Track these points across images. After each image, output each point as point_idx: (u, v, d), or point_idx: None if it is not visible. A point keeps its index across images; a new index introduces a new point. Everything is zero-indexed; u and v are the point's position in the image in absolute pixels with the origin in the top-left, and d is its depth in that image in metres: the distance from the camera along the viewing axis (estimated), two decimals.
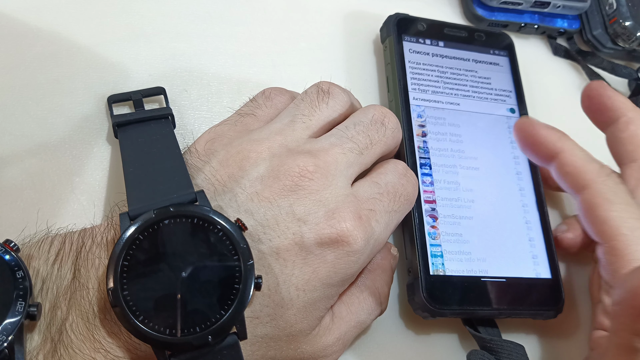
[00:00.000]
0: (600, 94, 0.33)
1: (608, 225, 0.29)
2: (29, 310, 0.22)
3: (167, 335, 0.22)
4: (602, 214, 0.29)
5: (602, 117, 0.34)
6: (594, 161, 0.31)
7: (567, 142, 0.31)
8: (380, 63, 0.39)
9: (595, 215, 0.29)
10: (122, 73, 0.33)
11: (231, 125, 0.29)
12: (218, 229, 0.24)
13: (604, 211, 0.29)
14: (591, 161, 0.31)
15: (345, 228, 0.26)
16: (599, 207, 0.29)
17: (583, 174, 0.30)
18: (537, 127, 0.32)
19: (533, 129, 0.32)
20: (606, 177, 0.30)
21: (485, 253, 0.33)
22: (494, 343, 0.31)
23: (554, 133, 0.32)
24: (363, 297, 0.29)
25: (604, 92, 0.33)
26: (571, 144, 0.31)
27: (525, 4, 0.42)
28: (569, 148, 0.31)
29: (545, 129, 0.32)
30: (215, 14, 0.37)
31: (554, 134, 0.32)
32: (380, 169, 0.30)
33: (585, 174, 0.30)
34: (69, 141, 0.31)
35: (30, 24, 0.32)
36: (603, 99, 0.33)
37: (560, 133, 0.32)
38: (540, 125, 0.32)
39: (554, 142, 0.31)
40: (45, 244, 0.24)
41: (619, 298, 0.24)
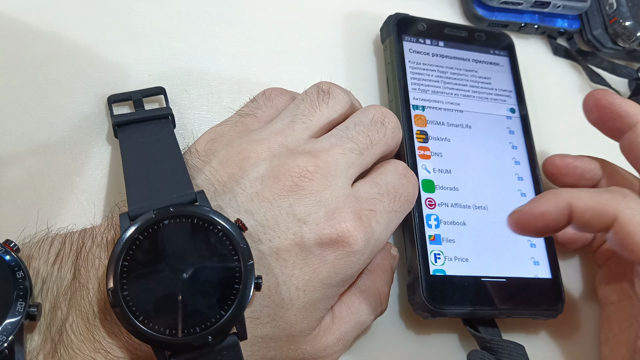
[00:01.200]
0: (610, 103, 0.32)
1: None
2: (29, 311, 0.22)
3: (167, 335, 0.22)
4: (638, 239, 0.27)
5: (614, 125, 0.33)
6: (601, 191, 0.29)
7: (565, 194, 0.29)
8: (380, 63, 0.39)
9: (633, 242, 0.27)
10: (122, 73, 0.33)
11: (231, 126, 0.29)
12: (218, 229, 0.24)
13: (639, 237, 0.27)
14: (600, 193, 0.29)
15: (345, 228, 0.26)
16: (634, 234, 0.27)
17: (604, 209, 0.28)
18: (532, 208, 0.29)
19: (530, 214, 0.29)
20: (625, 199, 0.28)
21: (485, 253, 0.33)
22: (494, 343, 0.31)
23: (548, 198, 0.29)
24: (363, 298, 0.29)
25: (613, 100, 0.32)
26: (569, 192, 0.29)
27: (526, 4, 0.42)
28: (572, 197, 0.29)
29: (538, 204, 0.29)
30: (215, 14, 0.37)
31: (549, 199, 0.29)
32: (380, 169, 0.30)
33: (606, 208, 0.28)
34: (69, 141, 0.31)
35: (30, 24, 0.32)
36: (614, 107, 0.32)
37: (552, 192, 0.30)
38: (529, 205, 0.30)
39: (557, 205, 0.29)
40: (46, 244, 0.24)
41: None
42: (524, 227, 0.30)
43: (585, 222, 0.28)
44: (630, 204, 0.28)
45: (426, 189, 0.33)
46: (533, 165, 0.37)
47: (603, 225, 0.28)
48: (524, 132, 0.38)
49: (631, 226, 0.27)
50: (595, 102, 0.33)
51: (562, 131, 0.42)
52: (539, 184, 0.36)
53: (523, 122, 0.38)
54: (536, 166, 0.37)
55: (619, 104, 0.32)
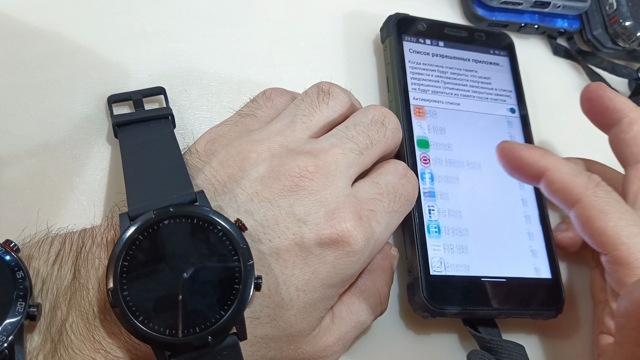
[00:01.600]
0: (600, 96, 0.33)
1: (606, 236, 0.28)
2: (29, 311, 0.22)
3: (167, 335, 0.22)
4: (599, 225, 0.29)
5: (603, 119, 0.33)
6: (581, 173, 0.30)
7: (550, 159, 0.31)
8: (380, 63, 0.39)
9: (592, 228, 0.29)
10: (122, 73, 0.33)
11: (231, 126, 0.29)
12: (218, 229, 0.24)
13: (600, 222, 0.28)
14: (578, 174, 0.30)
15: (345, 228, 0.26)
16: (594, 219, 0.29)
17: (572, 188, 0.30)
18: (518, 149, 0.31)
19: (514, 152, 0.31)
20: (596, 188, 0.29)
21: (486, 253, 0.33)
22: (494, 343, 0.31)
23: (535, 152, 0.31)
24: (363, 298, 0.29)
25: (604, 94, 0.33)
26: (554, 160, 0.31)
27: (526, 4, 0.42)
28: (553, 165, 0.30)
29: (526, 149, 0.31)
30: (215, 14, 0.37)
31: (535, 153, 0.31)
32: (380, 170, 0.30)
33: (574, 188, 0.29)
34: (69, 141, 0.31)
35: (30, 24, 0.32)
36: (604, 100, 0.33)
37: (542, 150, 0.31)
38: (520, 147, 0.31)
39: (536, 161, 0.31)
40: (46, 244, 0.24)
41: (624, 310, 0.24)
42: (502, 156, 0.32)
43: (552, 190, 0.30)
44: (598, 192, 0.29)
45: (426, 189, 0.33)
46: None
47: (565, 202, 0.30)
48: (523, 132, 0.38)
49: (593, 211, 0.29)
50: (587, 95, 0.34)
51: (562, 131, 0.42)
52: None
53: (523, 122, 0.38)
54: None
55: (608, 97, 0.33)
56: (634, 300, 0.23)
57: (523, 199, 0.35)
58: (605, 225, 0.28)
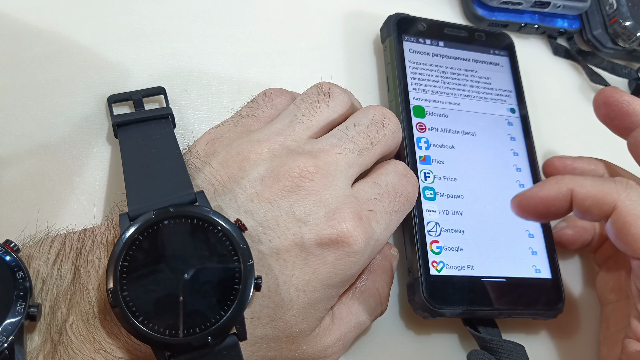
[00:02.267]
0: (618, 100, 0.32)
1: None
2: (29, 311, 0.22)
3: (166, 335, 0.22)
4: (635, 231, 0.27)
5: (622, 123, 0.33)
6: (605, 180, 0.29)
7: (568, 180, 0.29)
8: (380, 63, 0.39)
9: (630, 234, 0.27)
10: (122, 73, 0.33)
11: (232, 126, 0.29)
12: (218, 230, 0.24)
13: (637, 228, 0.27)
14: (602, 182, 0.29)
15: (345, 229, 0.26)
16: (630, 226, 0.27)
17: (605, 197, 0.28)
18: (533, 193, 0.30)
19: (531, 198, 0.30)
20: (627, 190, 0.28)
21: (486, 253, 0.33)
22: (494, 343, 0.31)
23: (551, 183, 0.30)
24: (363, 298, 0.29)
25: (622, 98, 0.32)
26: (572, 179, 0.29)
27: (526, 4, 0.42)
28: (575, 184, 0.29)
29: (541, 188, 0.30)
30: (215, 14, 0.37)
31: (552, 184, 0.29)
32: (380, 170, 0.30)
33: (607, 197, 0.28)
34: (69, 141, 0.31)
35: (30, 24, 0.32)
36: (622, 105, 0.32)
37: (555, 177, 0.30)
38: (533, 190, 0.30)
39: (559, 191, 0.29)
40: (46, 245, 0.24)
41: None
42: (525, 210, 0.30)
43: (585, 209, 0.29)
44: (631, 195, 0.28)
45: (426, 189, 0.33)
46: (533, 165, 0.37)
47: (602, 214, 0.28)
48: (523, 132, 0.38)
49: (629, 217, 0.27)
50: (603, 100, 0.33)
51: (562, 131, 0.42)
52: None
53: (523, 122, 0.38)
54: (536, 166, 0.37)
55: (627, 101, 0.32)
56: None
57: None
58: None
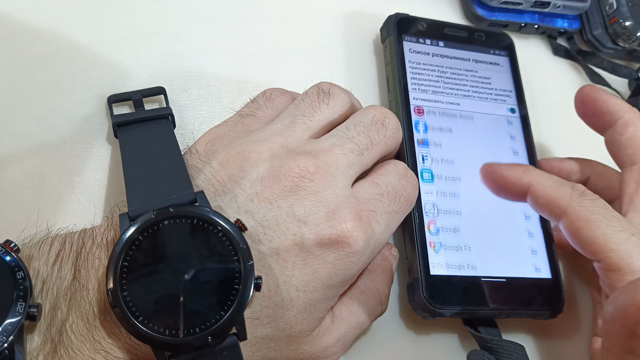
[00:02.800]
0: (593, 99, 0.33)
1: (595, 245, 0.28)
2: (29, 311, 0.22)
3: (166, 335, 0.22)
4: (586, 235, 0.28)
5: (598, 121, 0.33)
6: (564, 184, 0.30)
7: (533, 175, 0.31)
8: (380, 63, 0.39)
9: (581, 238, 0.29)
10: (122, 73, 0.33)
11: (232, 126, 0.29)
12: (218, 230, 0.24)
13: (588, 232, 0.28)
14: (561, 186, 0.30)
15: (345, 229, 0.26)
16: (581, 229, 0.29)
17: (557, 201, 0.29)
18: (500, 169, 0.31)
19: (497, 172, 0.31)
20: (581, 198, 0.29)
21: (486, 253, 0.33)
22: (494, 343, 0.31)
23: (517, 170, 0.31)
24: (363, 298, 0.29)
25: (597, 96, 0.33)
26: (537, 174, 0.31)
27: (526, 4, 0.42)
28: (536, 180, 0.30)
29: (508, 168, 0.31)
30: (215, 14, 0.37)
31: (517, 171, 0.31)
32: (380, 170, 0.30)
33: (559, 201, 0.29)
34: (69, 141, 0.31)
35: (30, 24, 0.32)
36: (597, 103, 0.33)
37: (524, 167, 0.31)
38: (502, 166, 0.31)
39: (520, 178, 0.31)
40: (46, 245, 0.24)
41: (610, 315, 0.24)
42: (486, 178, 0.32)
43: (538, 206, 0.30)
44: (583, 202, 0.29)
45: (426, 189, 0.33)
46: (533, 165, 0.37)
47: (553, 215, 0.30)
48: (523, 132, 0.38)
49: (579, 222, 0.29)
50: (580, 98, 0.34)
51: (562, 131, 0.42)
52: None
53: (523, 122, 0.38)
54: (536, 166, 0.37)
55: (602, 100, 0.33)
56: (618, 306, 0.23)
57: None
58: (594, 234, 0.28)
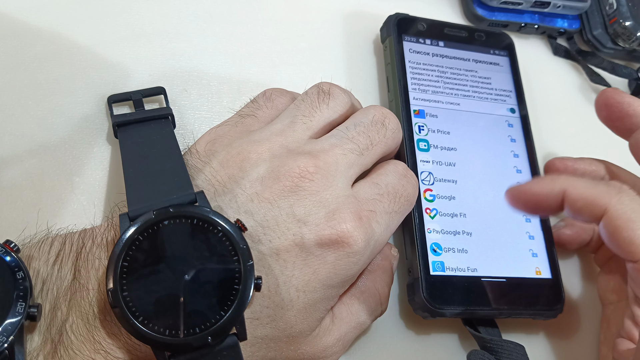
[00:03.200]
0: (619, 102, 0.32)
1: (635, 245, 0.27)
2: (29, 311, 0.22)
3: (166, 336, 0.22)
4: (626, 235, 0.27)
5: (623, 124, 0.33)
6: (599, 183, 0.29)
7: (563, 180, 0.30)
8: (380, 63, 0.39)
9: (620, 237, 0.28)
10: (122, 73, 0.33)
11: (232, 126, 0.29)
12: (218, 230, 0.24)
13: (627, 232, 0.27)
14: (596, 185, 0.29)
15: (345, 229, 0.26)
16: (621, 229, 0.27)
17: (596, 200, 0.28)
18: (528, 187, 0.30)
19: (525, 192, 0.30)
20: (619, 194, 0.28)
21: (486, 253, 0.33)
22: (494, 343, 0.31)
23: (546, 181, 0.30)
24: (363, 298, 0.29)
25: (622, 99, 0.32)
26: (567, 179, 0.30)
27: (526, 4, 0.42)
28: (569, 184, 0.29)
29: (535, 184, 0.30)
30: (215, 14, 0.37)
31: (547, 182, 0.30)
32: (380, 170, 0.30)
33: (599, 200, 0.28)
34: (69, 141, 0.31)
35: (30, 24, 0.32)
36: (623, 106, 0.32)
37: (551, 176, 0.30)
38: (528, 184, 0.30)
39: (552, 188, 0.29)
40: (46, 245, 0.24)
41: None
42: (517, 201, 0.31)
43: (576, 210, 0.29)
44: (623, 199, 0.28)
45: (426, 188, 0.33)
46: (533, 165, 0.37)
47: (593, 216, 0.28)
48: (524, 132, 0.38)
49: (620, 221, 0.27)
50: (604, 101, 0.33)
51: (562, 131, 0.42)
52: None
53: (523, 122, 0.38)
54: (536, 166, 0.37)
55: (627, 102, 0.32)
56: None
57: None
58: (633, 234, 0.27)
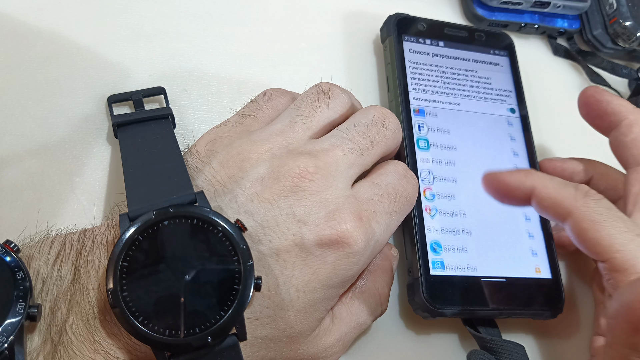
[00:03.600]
0: (597, 100, 0.33)
1: (601, 245, 0.28)
2: (29, 311, 0.22)
3: (166, 336, 0.22)
4: (592, 236, 0.28)
5: (603, 122, 0.33)
6: (568, 186, 0.30)
7: (535, 178, 0.30)
8: (380, 63, 0.39)
9: (586, 239, 0.29)
10: (122, 73, 0.33)
11: (232, 126, 0.29)
12: (218, 230, 0.24)
13: (592, 233, 0.28)
14: (565, 187, 0.30)
15: (345, 229, 0.26)
16: (587, 230, 0.28)
17: (562, 202, 0.29)
18: (502, 176, 0.31)
19: (499, 179, 0.31)
20: (585, 198, 0.29)
21: (486, 253, 0.33)
22: (494, 343, 0.31)
23: (519, 174, 0.31)
24: (363, 298, 0.29)
25: (601, 97, 0.33)
26: (540, 177, 0.30)
27: (526, 4, 0.42)
28: (539, 182, 0.30)
29: (510, 174, 0.31)
30: (215, 14, 0.37)
31: (520, 175, 0.31)
32: (380, 170, 0.30)
33: (564, 202, 0.29)
34: (69, 141, 0.31)
35: (30, 24, 0.32)
36: (602, 104, 0.33)
37: (526, 171, 0.31)
38: (504, 173, 0.31)
39: (522, 182, 0.30)
40: (46, 245, 0.24)
41: (614, 312, 0.24)
42: (488, 186, 0.32)
43: (543, 208, 0.30)
44: (588, 202, 0.29)
45: (426, 188, 0.33)
46: (533, 165, 0.37)
47: (558, 216, 0.30)
48: (523, 132, 0.38)
49: (585, 223, 0.29)
50: (584, 100, 0.34)
51: (562, 131, 0.42)
52: None
53: (523, 122, 0.38)
54: (536, 166, 0.37)
55: (606, 101, 0.33)
56: (623, 302, 0.23)
57: None
58: (599, 235, 0.28)
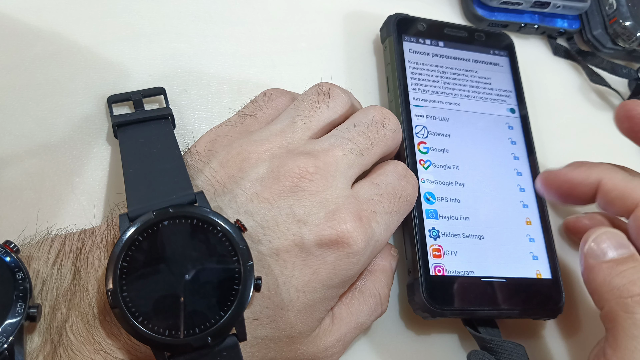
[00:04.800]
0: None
1: None
2: (29, 312, 0.22)
3: (166, 336, 0.22)
4: None
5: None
6: (635, 177, 0.30)
7: (601, 169, 0.30)
8: (380, 63, 0.39)
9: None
10: (122, 73, 0.33)
11: (232, 127, 0.29)
12: (217, 230, 0.24)
13: None
14: (632, 179, 0.29)
15: (345, 229, 0.26)
16: None
17: (630, 194, 0.29)
18: (563, 173, 0.30)
19: (560, 177, 0.31)
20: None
21: (486, 253, 0.33)
22: (494, 343, 0.31)
23: (582, 168, 0.30)
24: (363, 299, 0.29)
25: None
26: (605, 168, 0.30)
27: (525, 4, 0.42)
28: (606, 174, 0.30)
29: (572, 170, 0.30)
30: (215, 14, 0.37)
31: (583, 169, 0.30)
32: (380, 170, 0.30)
33: (633, 194, 0.29)
34: (69, 141, 0.31)
35: (30, 24, 0.32)
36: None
37: (587, 164, 0.30)
38: (564, 170, 0.31)
39: (588, 176, 0.30)
40: (45, 245, 0.24)
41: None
42: (549, 186, 0.31)
43: (609, 200, 0.29)
44: None
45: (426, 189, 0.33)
46: (533, 165, 0.37)
47: (625, 209, 0.29)
48: (523, 132, 0.38)
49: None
50: (625, 113, 0.33)
51: (562, 131, 0.42)
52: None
53: (523, 122, 0.38)
54: (536, 166, 0.37)
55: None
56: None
57: (523, 198, 0.35)
58: None
